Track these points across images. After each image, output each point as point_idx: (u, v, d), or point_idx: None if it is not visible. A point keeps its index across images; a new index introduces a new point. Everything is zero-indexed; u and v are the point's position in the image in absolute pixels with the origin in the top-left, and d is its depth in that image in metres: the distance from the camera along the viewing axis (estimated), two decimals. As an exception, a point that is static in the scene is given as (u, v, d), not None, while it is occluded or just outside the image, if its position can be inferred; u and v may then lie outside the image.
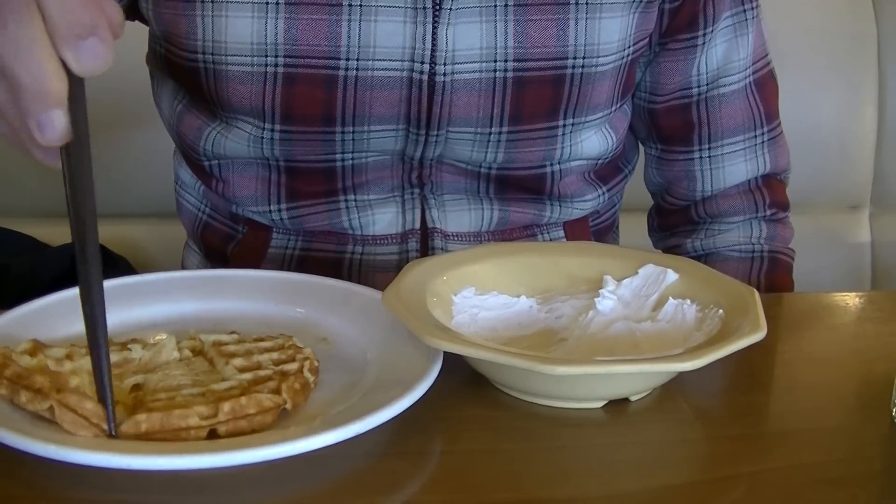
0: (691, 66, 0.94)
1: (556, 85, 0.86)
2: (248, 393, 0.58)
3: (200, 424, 0.56)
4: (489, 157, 0.89)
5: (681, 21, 0.91)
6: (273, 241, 0.94)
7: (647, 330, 0.70)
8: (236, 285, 0.76)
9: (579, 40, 0.85)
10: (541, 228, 0.96)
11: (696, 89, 0.95)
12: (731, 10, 0.93)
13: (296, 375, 0.61)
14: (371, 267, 0.92)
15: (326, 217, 0.92)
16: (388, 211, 0.92)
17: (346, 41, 0.82)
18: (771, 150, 0.99)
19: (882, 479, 0.59)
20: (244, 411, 0.57)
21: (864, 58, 1.47)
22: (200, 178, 0.96)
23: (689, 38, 0.92)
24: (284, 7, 0.81)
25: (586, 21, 0.85)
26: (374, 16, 0.82)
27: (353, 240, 0.92)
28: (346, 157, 0.88)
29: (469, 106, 0.85)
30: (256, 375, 0.61)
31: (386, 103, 0.85)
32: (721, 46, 0.94)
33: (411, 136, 0.87)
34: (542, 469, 0.58)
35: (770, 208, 1.00)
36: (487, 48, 0.84)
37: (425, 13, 0.82)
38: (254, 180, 0.91)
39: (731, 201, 1.00)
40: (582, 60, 0.86)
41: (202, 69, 0.85)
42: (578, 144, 0.91)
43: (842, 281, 1.49)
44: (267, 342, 0.65)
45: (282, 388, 0.59)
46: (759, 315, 0.65)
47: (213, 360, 0.64)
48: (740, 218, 1.00)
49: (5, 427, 0.53)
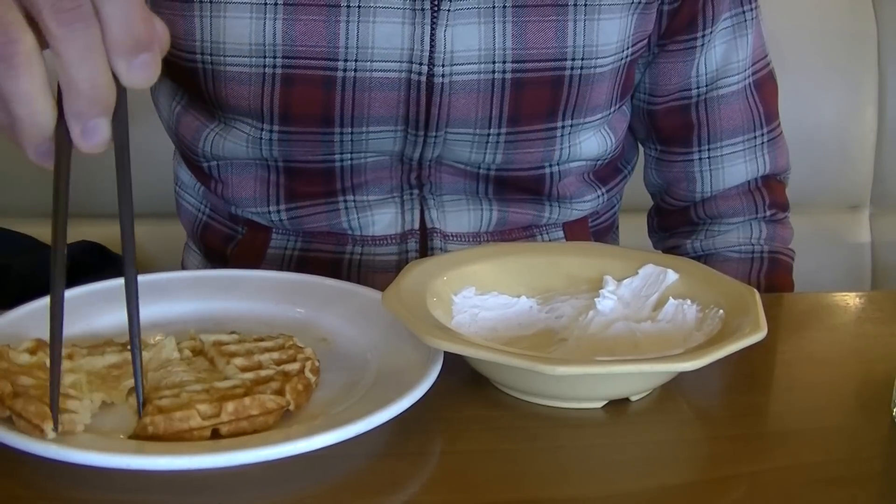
0: (690, 68, 0.94)
1: (554, 86, 0.86)
2: (251, 393, 0.58)
3: (203, 425, 0.56)
4: (488, 158, 0.89)
5: (680, 22, 0.91)
6: (272, 242, 0.94)
7: (648, 330, 0.70)
8: (236, 285, 0.76)
9: (578, 42, 0.85)
10: (540, 229, 0.96)
11: (696, 90, 0.95)
12: (731, 12, 0.93)
13: (298, 376, 0.61)
14: (370, 267, 0.92)
15: (325, 218, 0.92)
16: (388, 211, 0.92)
17: (344, 42, 0.82)
18: (770, 151, 0.99)
19: (882, 479, 0.59)
20: (247, 412, 0.57)
21: (864, 58, 1.47)
22: (199, 179, 0.96)
23: (689, 40, 0.92)
24: (283, 8, 0.81)
25: (585, 22, 0.85)
26: (372, 17, 0.82)
27: (353, 240, 0.92)
28: (345, 157, 0.88)
29: (467, 107, 0.85)
30: (258, 375, 0.61)
31: (384, 104, 0.84)
32: (720, 48, 0.94)
33: (410, 137, 0.87)
34: (542, 469, 0.58)
35: (770, 209, 1.00)
36: (486, 49, 0.84)
37: (423, 14, 0.82)
38: (252, 181, 0.91)
39: (731, 202, 1.00)
40: (580, 62, 0.86)
41: (200, 70, 0.85)
42: (577, 146, 0.91)
43: (842, 281, 1.49)
44: (267, 342, 0.66)
45: (285, 390, 0.59)
46: (760, 315, 0.65)
47: (213, 359, 0.64)
48: (740, 219, 1.00)
49: (5, 427, 0.53)
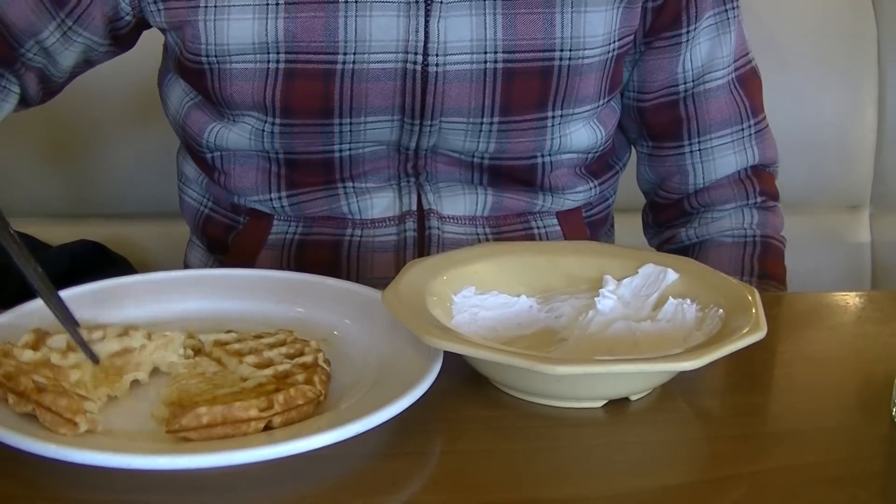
0: (676, 64, 0.96)
1: (543, 77, 0.89)
2: (280, 385, 0.59)
3: (260, 416, 0.56)
4: (481, 146, 0.92)
5: (665, 20, 0.94)
6: (273, 228, 0.96)
7: (647, 329, 0.70)
8: (237, 285, 0.76)
9: (565, 33, 0.88)
10: (534, 216, 0.98)
11: (683, 86, 0.98)
12: (714, 10, 0.96)
13: (317, 367, 0.62)
14: (370, 248, 0.94)
15: (326, 203, 0.94)
16: (386, 196, 0.94)
17: (343, 36, 0.85)
18: (758, 143, 1.01)
19: (882, 479, 0.59)
20: (294, 402, 0.58)
21: (864, 58, 1.47)
22: (203, 170, 0.97)
23: (674, 36, 0.95)
24: (284, 7, 0.84)
25: (572, 14, 0.88)
26: (369, 11, 0.84)
27: (352, 223, 0.94)
28: (344, 148, 0.90)
29: (461, 96, 0.88)
30: (276, 371, 0.61)
31: (381, 95, 0.87)
32: (705, 44, 0.96)
33: (406, 127, 0.89)
34: (542, 469, 0.58)
35: (760, 196, 1.02)
36: (477, 40, 0.86)
37: (418, 7, 0.85)
38: (254, 171, 0.93)
39: (723, 191, 1.01)
40: (569, 53, 0.88)
41: (207, 71, 0.87)
42: (567, 136, 0.93)
43: (842, 281, 1.49)
44: (267, 338, 0.66)
45: (314, 381, 0.60)
46: (760, 315, 0.65)
47: (220, 359, 0.64)
48: (732, 205, 1.01)
49: (5, 427, 0.53)
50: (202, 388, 0.59)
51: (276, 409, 0.57)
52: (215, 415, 0.55)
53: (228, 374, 0.62)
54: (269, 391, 0.58)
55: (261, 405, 0.57)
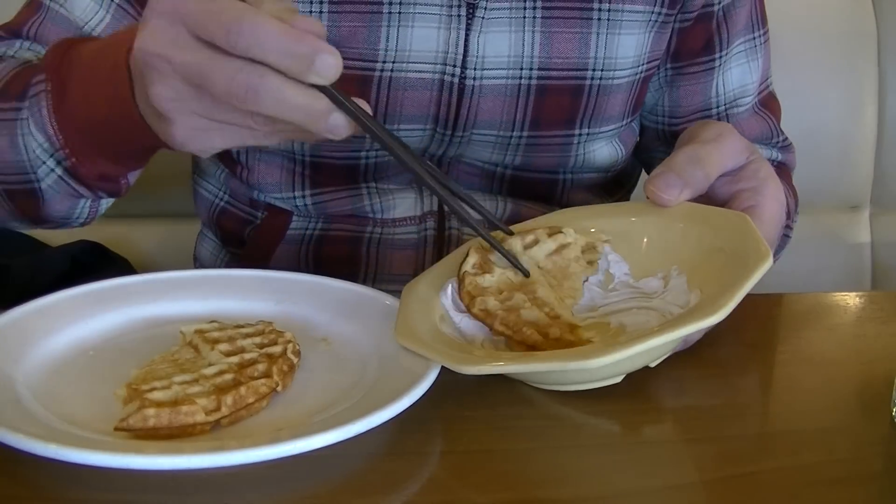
0: (710, 88, 0.98)
1: (574, 95, 0.90)
2: (240, 377, 0.59)
3: (207, 420, 0.57)
4: (507, 158, 0.93)
5: (695, 44, 0.95)
6: (293, 224, 0.96)
7: (636, 306, 0.69)
8: (237, 285, 0.76)
9: (599, 53, 0.89)
10: None
11: (715, 110, 0.99)
12: (744, 37, 0.97)
13: (283, 358, 0.63)
14: (389, 245, 0.95)
15: (349, 202, 0.95)
16: (408, 197, 0.95)
17: (384, 45, 0.86)
18: (784, 154, 1.03)
19: (882, 479, 0.59)
20: (244, 401, 0.59)
21: (864, 58, 1.47)
22: (225, 163, 0.98)
23: (706, 62, 0.97)
24: (328, 16, 0.85)
25: (606, 36, 0.89)
26: (411, 22, 0.85)
27: (373, 222, 0.95)
28: (371, 154, 0.91)
29: (494, 109, 0.89)
30: (242, 359, 0.62)
31: (417, 104, 0.88)
32: (736, 70, 0.98)
33: (437, 136, 0.90)
34: (542, 469, 0.58)
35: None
36: (515, 56, 0.88)
37: (459, 20, 0.86)
38: (279, 170, 0.94)
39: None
40: (600, 73, 0.90)
41: None
42: (591, 154, 0.95)
43: (842, 281, 1.49)
44: (247, 328, 0.66)
45: (272, 371, 0.61)
46: (759, 240, 0.63)
47: (197, 346, 0.64)
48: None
49: (5, 427, 0.53)
50: (167, 373, 0.60)
51: (223, 413, 0.57)
52: (161, 418, 0.56)
53: (199, 360, 0.63)
54: (227, 382, 0.59)
55: (208, 407, 0.57)
